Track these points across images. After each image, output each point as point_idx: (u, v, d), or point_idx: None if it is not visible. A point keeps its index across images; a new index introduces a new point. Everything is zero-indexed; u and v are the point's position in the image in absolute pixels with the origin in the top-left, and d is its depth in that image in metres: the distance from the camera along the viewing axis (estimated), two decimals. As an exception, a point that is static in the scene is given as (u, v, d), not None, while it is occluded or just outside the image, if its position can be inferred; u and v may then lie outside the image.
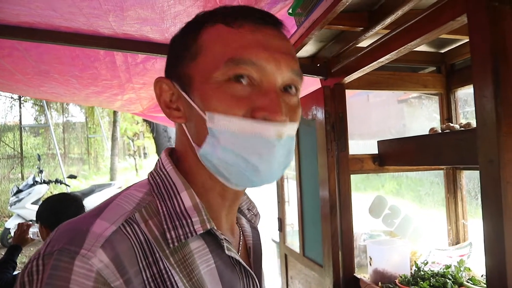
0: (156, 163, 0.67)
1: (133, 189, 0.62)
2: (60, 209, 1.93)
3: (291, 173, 2.54)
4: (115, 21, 1.32)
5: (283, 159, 0.60)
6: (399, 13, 1.25)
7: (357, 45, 1.66)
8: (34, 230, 2.09)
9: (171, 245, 0.56)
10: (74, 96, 2.97)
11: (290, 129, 0.59)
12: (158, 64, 2.06)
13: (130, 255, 0.52)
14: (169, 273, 0.54)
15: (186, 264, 0.57)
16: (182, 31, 0.65)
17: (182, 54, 0.63)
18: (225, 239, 0.62)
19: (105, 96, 2.81)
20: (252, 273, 0.66)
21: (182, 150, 0.65)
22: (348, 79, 1.74)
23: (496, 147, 0.89)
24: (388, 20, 1.31)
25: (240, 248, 0.72)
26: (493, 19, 0.89)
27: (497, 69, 0.88)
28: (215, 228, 0.61)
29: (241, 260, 0.64)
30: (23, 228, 2.09)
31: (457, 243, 1.94)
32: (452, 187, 1.99)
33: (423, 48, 1.96)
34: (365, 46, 1.56)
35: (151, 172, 0.66)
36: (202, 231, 0.59)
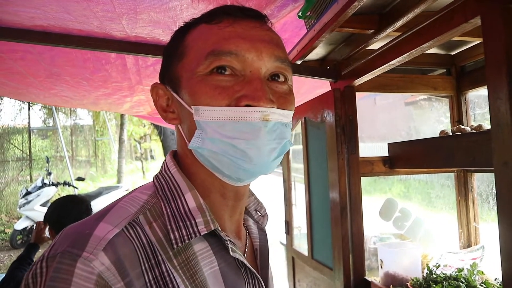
0: (162, 165, 0.68)
1: (138, 192, 0.62)
2: (67, 211, 1.95)
3: (298, 176, 2.53)
4: (128, 24, 1.34)
5: (274, 145, 0.59)
6: (410, 15, 1.25)
7: (367, 48, 1.66)
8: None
9: (174, 246, 0.56)
10: (84, 99, 2.99)
11: (279, 114, 0.59)
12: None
13: (132, 258, 0.52)
14: (171, 276, 0.54)
15: (189, 266, 0.57)
16: (172, 38, 0.67)
17: (171, 58, 0.65)
18: (230, 240, 0.61)
19: (114, 98, 2.83)
20: (258, 275, 0.66)
21: (181, 151, 0.66)
22: (359, 81, 1.74)
23: (511, 149, 0.88)
24: (400, 23, 1.31)
25: (246, 250, 0.71)
26: (508, 20, 0.89)
27: (512, 71, 0.88)
28: (219, 229, 0.60)
29: (246, 262, 0.63)
30: (40, 227, 2.12)
31: (469, 246, 1.92)
32: (463, 189, 1.98)
33: (433, 50, 1.95)
34: (375, 48, 1.56)
35: (156, 174, 0.66)
36: (206, 232, 0.58)
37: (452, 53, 1.97)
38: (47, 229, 2.07)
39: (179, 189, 0.61)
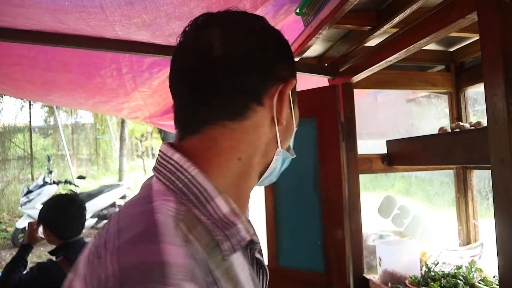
0: (164, 163, 0.58)
1: (161, 200, 0.53)
2: (63, 211, 1.95)
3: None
4: (121, 30, 1.34)
5: None
6: (407, 11, 1.24)
7: (365, 45, 1.65)
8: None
9: (225, 257, 0.52)
10: (82, 106, 2.99)
11: None
12: (162, 72, 2.06)
13: (202, 278, 0.46)
14: (220, 283, 0.50)
15: (230, 276, 0.53)
16: (286, 45, 0.67)
17: (287, 65, 0.65)
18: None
19: (111, 105, 2.83)
20: (267, 272, 0.65)
21: (248, 153, 0.62)
22: (356, 78, 1.73)
23: (508, 146, 0.87)
24: (397, 19, 1.30)
25: None
26: (504, 16, 0.88)
27: (508, 67, 0.87)
28: (255, 232, 0.58)
29: (265, 265, 0.64)
30: (32, 227, 2.11)
31: (468, 243, 1.92)
32: (463, 187, 1.97)
33: (431, 46, 1.94)
34: (373, 45, 1.55)
35: (165, 176, 0.57)
36: (248, 239, 0.55)
37: (451, 50, 1.96)
38: (40, 228, 2.07)
39: (206, 193, 0.55)
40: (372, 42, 1.59)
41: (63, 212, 1.94)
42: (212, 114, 0.58)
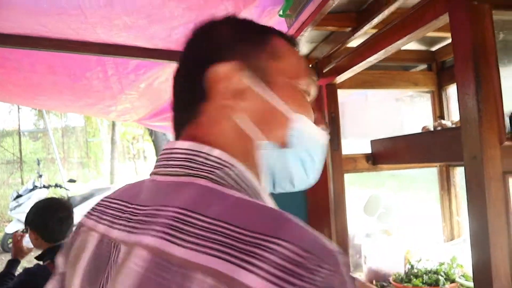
0: (202, 161, 0.54)
1: (247, 198, 0.49)
2: (49, 214, 1.95)
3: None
4: (103, 32, 1.34)
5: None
6: (385, 13, 1.27)
7: (347, 45, 1.67)
8: (28, 239, 2.09)
9: None
10: (69, 108, 2.98)
11: None
12: (147, 75, 2.06)
13: None
14: None
15: None
16: (250, 24, 0.64)
17: (256, 47, 0.60)
18: None
19: (98, 108, 2.82)
20: None
21: (237, 148, 0.57)
22: (340, 79, 1.76)
23: (479, 143, 0.90)
24: (375, 20, 1.32)
25: None
26: (473, 17, 0.91)
27: (478, 67, 0.90)
28: None
29: None
30: (16, 238, 2.10)
31: (452, 239, 1.95)
32: (446, 184, 2.00)
33: (414, 46, 1.97)
34: (354, 46, 1.57)
35: (224, 171, 0.53)
36: None
37: (433, 49, 1.99)
38: (25, 239, 2.06)
39: (254, 188, 0.54)
40: (354, 43, 1.61)
41: (51, 215, 1.94)
42: None
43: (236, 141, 0.57)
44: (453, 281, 1.44)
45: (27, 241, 2.05)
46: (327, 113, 1.83)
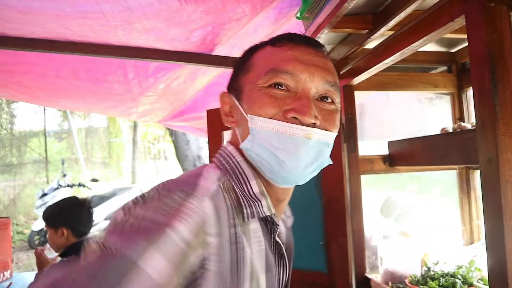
0: (221, 153, 0.77)
1: (209, 168, 0.72)
2: (69, 212, 2.00)
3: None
4: (123, 35, 1.39)
5: (311, 161, 0.71)
6: (402, 15, 1.27)
7: (364, 47, 1.67)
8: (48, 251, 2.14)
9: (245, 219, 0.68)
10: (92, 109, 3.07)
11: (320, 134, 0.69)
12: (166, 76, 2.11)
13: (224, 212, 0.63)
14: (241, 238, 0.65)
15: (247, 238, 0.67)
16: (242, 56, 0.80)
17: (238, 72, 0.78)
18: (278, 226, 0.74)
19: (120, 110, 2.90)
20: (287, 263, 0.76)
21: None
22: (356, 80, 1.76)
23: (495, 146, 0.89)
24: (392, 22, 1.32)
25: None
26: (490, 19, 0.90)
27: (495, 69, 0.89)
28: (275, 214, 0.72)
29: (283, 248, 0.75)
30: (39, 252, 2.11)
31: (472, 243, 1.92)
32: (466, 187, 1.97)
33: (433, 48, 1.95)
34: (372, 48, 1.58)
35: (219, 160, 0.76)
36: (267, 214, 0.70)
37: (453, 51, 1.97)
38: (46, 251, 2.11)
39: (245, 175, 0.72)
40: (371, 44, 1.61)
41: (71, 214, 2.00)
42: None
43: (238, 142, 0.75)
44: (470, 284, 1.42)
45: (48, 252, 2.08)
46: (344, 114, 1.84)
